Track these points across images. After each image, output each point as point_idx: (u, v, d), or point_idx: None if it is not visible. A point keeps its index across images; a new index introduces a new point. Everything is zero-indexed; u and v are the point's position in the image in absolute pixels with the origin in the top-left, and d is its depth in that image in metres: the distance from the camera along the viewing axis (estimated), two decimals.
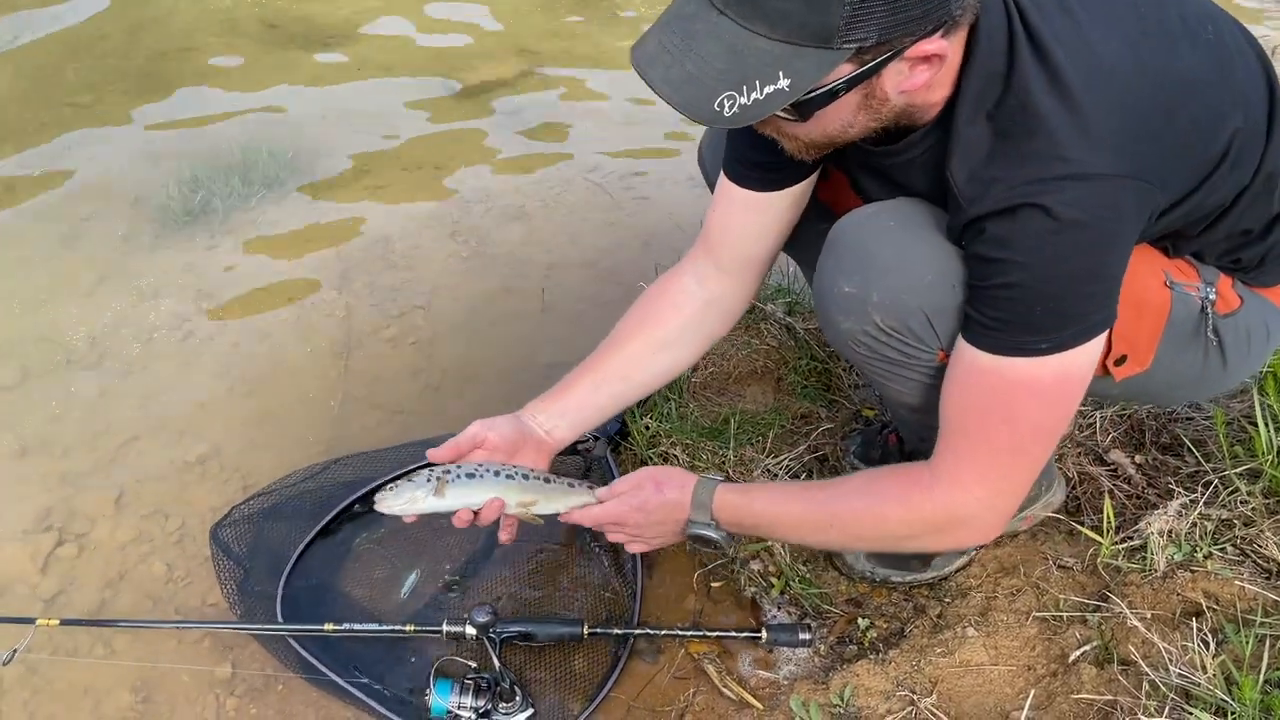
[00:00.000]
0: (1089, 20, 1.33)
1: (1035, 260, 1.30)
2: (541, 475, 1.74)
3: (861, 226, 1.54)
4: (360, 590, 1.97)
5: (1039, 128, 1.28)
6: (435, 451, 1.71)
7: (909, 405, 1.65)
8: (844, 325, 1.55)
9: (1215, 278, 1.60)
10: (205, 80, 3.95)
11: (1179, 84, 1.34)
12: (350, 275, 2.95)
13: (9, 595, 2.01)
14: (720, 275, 1.83)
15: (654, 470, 1.75)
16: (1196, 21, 1.40)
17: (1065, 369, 1.39)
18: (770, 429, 2.25)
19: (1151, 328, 1.55)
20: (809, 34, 1.16)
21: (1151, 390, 1.71)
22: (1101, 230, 1.29)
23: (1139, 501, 2.01)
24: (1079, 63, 1.29)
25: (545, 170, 3.50)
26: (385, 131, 3.67)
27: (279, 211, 3.21)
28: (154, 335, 2.70)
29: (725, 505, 1.67)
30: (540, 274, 2.99)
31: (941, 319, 1.47)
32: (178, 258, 2.99)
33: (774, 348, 2.52)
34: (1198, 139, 1.37)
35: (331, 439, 2.38)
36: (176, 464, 2.32)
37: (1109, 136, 1.28)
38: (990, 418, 1.44)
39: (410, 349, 2.70)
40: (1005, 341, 1.37)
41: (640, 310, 1.88)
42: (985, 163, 1.32)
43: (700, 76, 1.20)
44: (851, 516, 1.60)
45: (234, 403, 2.51)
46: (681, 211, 3.19)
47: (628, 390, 1.86)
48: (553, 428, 1.81)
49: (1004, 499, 1.51)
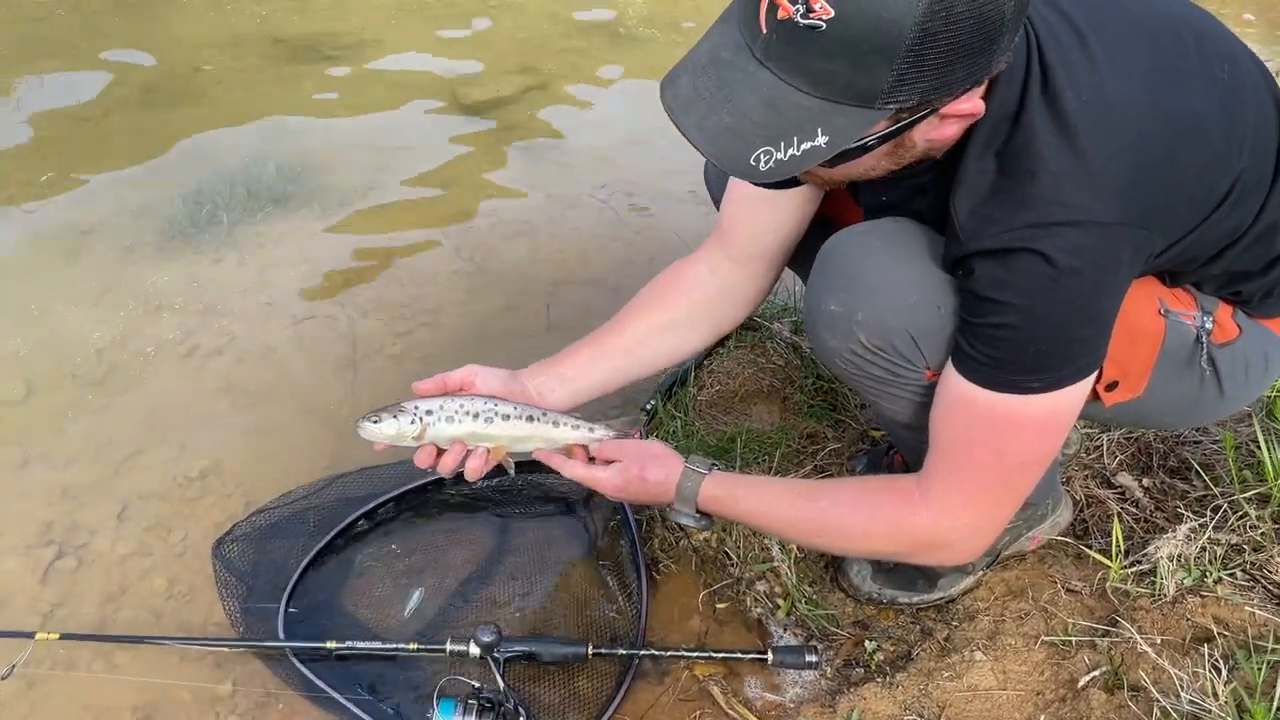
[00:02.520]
0: (1105, 56, 1.32)
1: (1030, 304, 1.30)
2: (525, 413, 1.69)
3: (850, 246, 1.55)
4: (363, 608, 1.96)
5: (1041, 170, 1.28)
6: (422, 384, 1.68)
7: (902, 423, 1.65)
8: (830, 343, 1.56)
9: (1214, 306, 1.60)
10: (211, 96, 3.96)
11: (1186, 127, 1.33)
12: (356, 291, 2.95)
13: (8, 608, 2.00)
14: (732, 266, 1.83)
15: (641, 449, 1.72)
16: (1216, 61, 1.39)
17: (1055, 406, 1.39)
18: (777, 448, 2.24)
19: (1145, 355, 1.55)
20: (852, 95, 1.14)
21: (1144, 416, 1.72)
22: (1097, 277, 1.30)
23: (1147, 525, 1.99)
24: (1086, 103, 1.29)
25: (551, 188, 3.50)
26: (391, 148, 3.67)
27: (285, 226, 3.21)
28: (159, 349, 2.69)
29: (710, 500, 1.67)
30: (545, 291, 2.99)
31: (927, 340, 1.48)
32: (183, 271, 2.98)
33: (780, 366, 2.51)
34: (1199, 185, 1.36)
35: (335, 454, 2.37)
36: (179, 479, 2.31)
37: (1110, 182, 1.27)
38: (979, 449, 1.45)
39: (415, 364, 2.69)
40: (997, 378, 1.38)
41: (650, 291, 1.87)
42: (986, 200, 1.32)
43: (737, 129, 1.18)
44: (839, 529, 1.61)
45: (238, 417, 2.50)
46: (687, 228, 3.19)
47: (629, 366, 1.84)
48: (547, 391, 1.77)
49: (987, 525, 1.53)
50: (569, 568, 2.06)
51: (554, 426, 1.71)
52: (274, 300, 2.89)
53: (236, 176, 3.41)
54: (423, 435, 1.63)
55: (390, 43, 4.41)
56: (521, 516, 2.16)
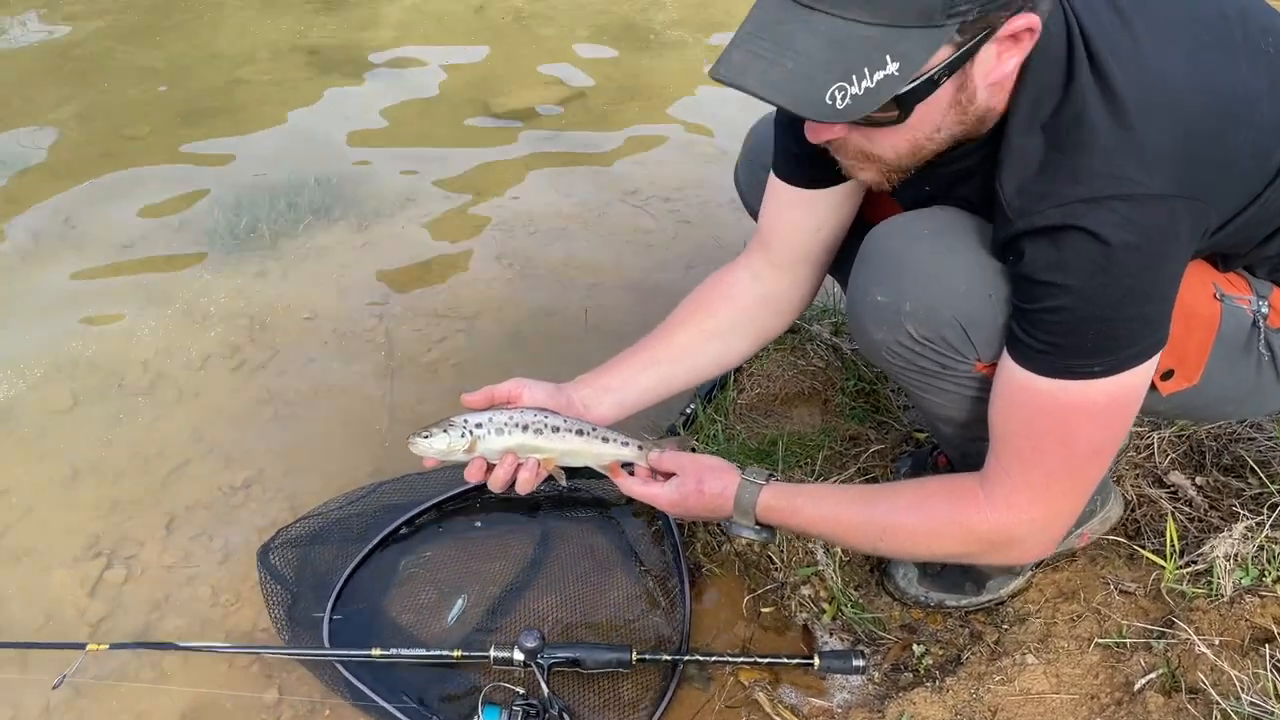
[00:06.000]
0: (1146, 32, 1.30)
1: (1086, 285, 1.27)
2: (576, 426, 1.67)
3: (895, 235, 1.52)
4: (407, 615, 1.96)
5: (1092, 144, 1.25)
6: (470, 396, 1.68)
7: (948, 419, 1.62)
8: (877, 335, 1.53)
9: (1269, 291, 1.56)
10: (250, 109, 4.01)
11: (1235, 101, 1.30)
12: (394, 300, 2.96)
13: (57, 620, 2.02)
14: (774, 271, 1.81)
15: (698, 463, 1.70)
16: (1260, 34, 1.37)
17: (1120, 390, 1.36)
18: (819, 450, 2.22)
19: (1201, 341, 1.51)
20: (911, 14, 1.13)
21: (1200, 405, 1.66)
22: (1153, 252, 1.26)
23: (1201, 525, 1.95)
24: (1134, 79, 1.26)
25: (586, 194, 3.50)
26: (429, 158, 3.70)
27: (326, 238, 3.24)
28: (204, 361, 2.72)
29: (769, 510, 1.64)
30: (583, 295, 2.98)
31: (978, 330, 1.44)
32: (227, 284, 3.02)
33: (820, 369, 2.49)
34: (1250, 158, 1.33)
35: (377, 462, 2.38)
36: (224, 488, 2.33)
37: (1162, 155, 1.25)
38: (1045, 440, 1.41)
39: (453, 371, 2.70)
40: (1057, 364, 1.34)
41: (693, 300, 1.86)
42: (1036, 177, 1.29)
43: (805, 72, 1.15)
44: (904, 532, 1.57)
45: (280, 427, 2.52)
46: (723, 232, 3.18)
47: (674, 374, 1.82)
48: (593, 403, 1.76)
49: (1058, 519, 1.49)
50: (611, 573, 2.05)
51: (603, 442, 1.69)
52: (316, 312, 2.91)
53: (277, 189, 3.45)
54: (473, 448, 1.62)
55: (424, 54, 4.45)
56: (563, 522, 2.15)
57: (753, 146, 2.00)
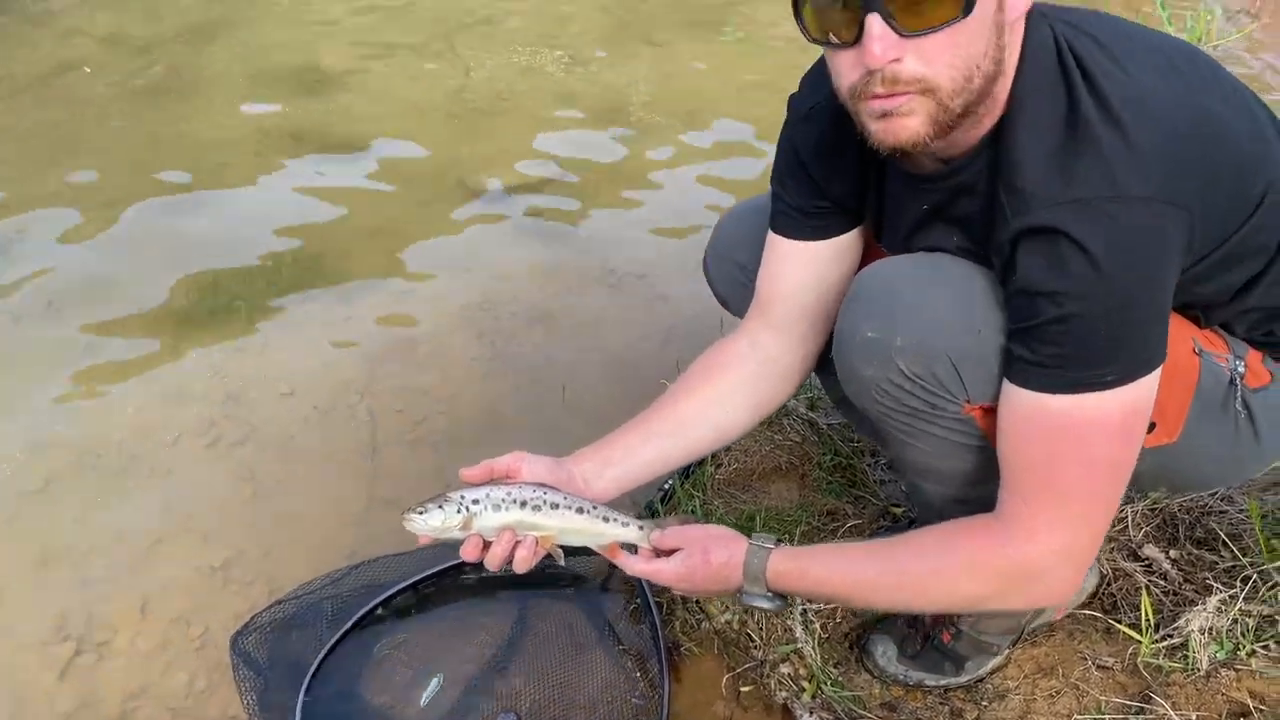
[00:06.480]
0: (1126, 56, 1.36)
1: (1086, 289, 1.28)
2: (576, 504, 1.63)
3: (884, 274, 1.54)
4: (382, 697, 1.93)
5: (1089, 148, 1.29)
6: (468, 471, 1.65)
7: (933, 471, 1.62)
8: (866, 372, 1.52)
9: (1244, 351, 1.58)
10: (232, 189, 4.04)
11: (1216, 122, 1.35)
12: (374, 378, 2.98)
13: (27, 709, 1.98)
14: (773, 334, 1.80)
15: (703, 534, 1.66)
16: (1230, 86, 1.43)
17: (1134, 399, 1.35)
18: (796, 526, 2.23)
19: (1180, 395, 1.52)
20: None
21: (1180, 466, 1.64)
22: (1149, 253, 1.29)
23: (1176, 598, 1.96)
24: (1123, 89, 1.31)
25: (567, 271, 3.54)
26: (410, 236, 3.74)
27: (305, 314, 3.26)
28: (180, 439, 2.72)
29: (780, 575, 1.59)
30: (562, 372, 3.00)
31: (968, 366, 1.45)
32: (205, 361, 3.02)
33: (797, 443, 2.51)
34: (1236, 181, 1.37)
35: (355, 541, 2.37)
36: (201, 569, 2.31)
37: (1152, 161, 1.28)
38: (1063, 461, 1.38)
39: (432, 450, 2.71)
40: (1069, 379, 1.34)
41: (692, 372, 1.85)
42: (1035, 177, 1.32)
43: None
44: (923, 578, 1.52)
45: (259, 506, 2.51)
46: (698, 309, 3.21)
47: (675, 447, 1.79)
48: (594, 478, 1.72)
49: (1081, 548, 1.45)
50: (589, 652, 2.03)
51: (604, 522, 1.65)
52: (295, 389, 2.92)
53: (257, 267, 3.48)
54: (469, 525, 1.58)
55: (406, 133, 4.52)
56: (540, 600, 2.14)
57: (720, 239, 2.03)
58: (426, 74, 5.11)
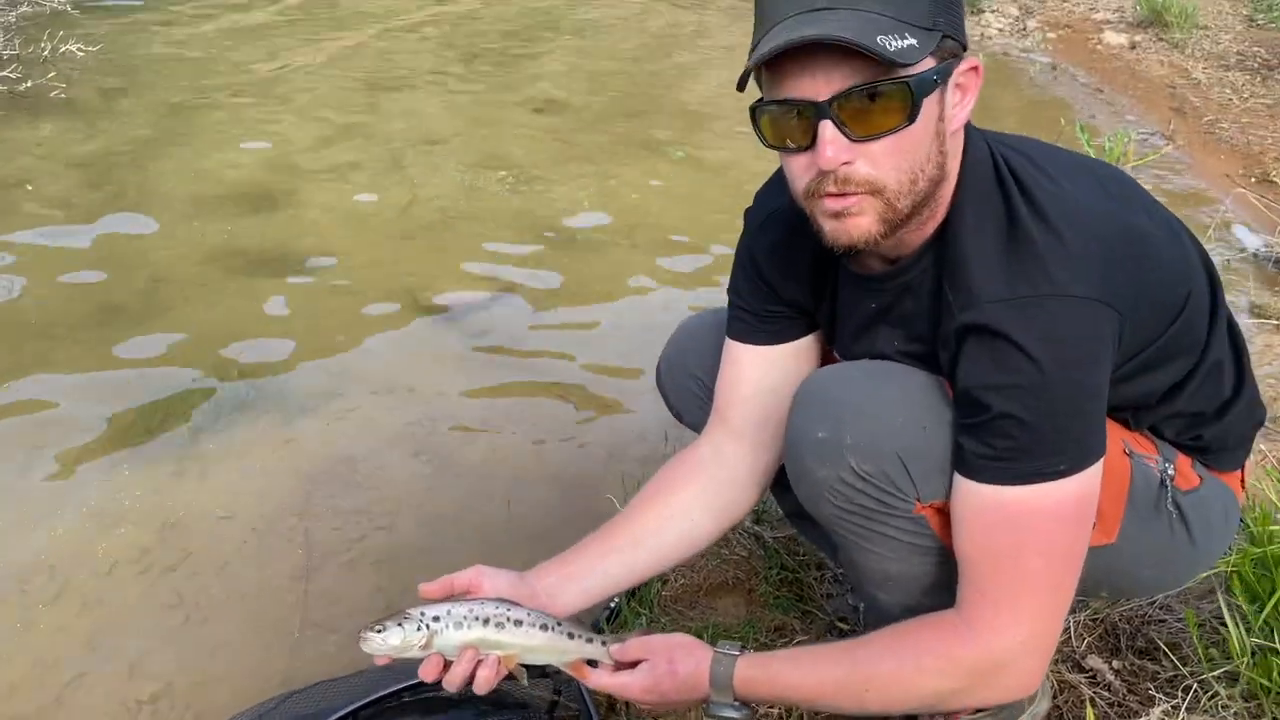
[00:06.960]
0: (1056, 171, 1.46)
1: (1034, 380, 1.34)
2: (540, 620, 1.60)
3: (829, 378, 1.60)
4: None
5: (1028, 249, 1.38)
6: (428, 586, 1.62)
7: (887, 576, 1.62)
8: (820, 473, 1.54)
9: (1173, 455, 1.64)
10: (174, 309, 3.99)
11: (1142, 236, 1.45)
12: (313, 499, 2.92)
13: None
14: (733, 441, 1.81)
15: (665, 643, 1.63)
16: (1150, 202, 1.55)
17: (1086, 488, 1.41)
18: (745, 644, 2.20)
19: (1115, 494, 1.56)
20: (913, 13, 1.30)
21: (1119, 569, 1.67)
22: (1087, 348, 1.37)
23: (1121, 709, 1.96)
24: (1054, 202, 1.41)
25: (511, 387, 3.55)
26: (355, 353, 3.73)
27: (246, 436, 3.21)
28: (114, 566, 2.63)
29: (747, 682, 1.57)
30: (505, 489, 2.98)
31: (916, 462, 1.48)
32: (142, 483, 2.95)
33: (744, 558, 2.50)
34: (1161, 289, 1.46)
35: (289, 667, 2.29)
36: (129, 703, 2.21)
37: (1086, 264, 1.37)
38: (1023, 552, 1.41)
39: (371, 569, 2.65)
40: (1023, 469, 1.38)
41: (654, 482, 1.85)
42: (978, 274, 1.40)
43: (850, 27, 1.27)
44: (887, 678, 1.51)
45: (190, 635, 2.42)
46: (646, 423, 3.23)
47: (638, 559, 1.78)
48: (558, 593, 1.70)
49: (1042, 640, 1.47)
50: None
51: (569, 639, 1.62)
52: (233, 513, 2.86)
53: (197, 387, 3.44)
54: (430, 643, 1.54)
55: (351, 250, 4.51)
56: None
57: (674, 351, 2.05)
58: (374, 190, 5.16)
